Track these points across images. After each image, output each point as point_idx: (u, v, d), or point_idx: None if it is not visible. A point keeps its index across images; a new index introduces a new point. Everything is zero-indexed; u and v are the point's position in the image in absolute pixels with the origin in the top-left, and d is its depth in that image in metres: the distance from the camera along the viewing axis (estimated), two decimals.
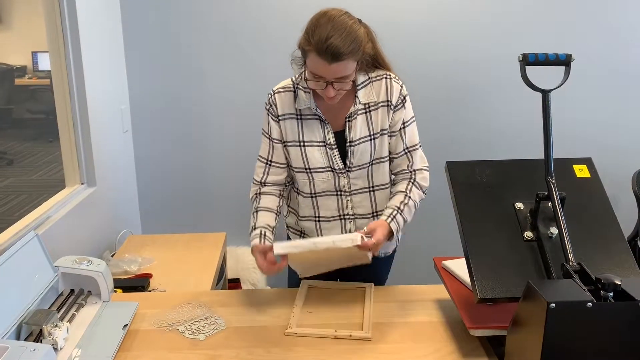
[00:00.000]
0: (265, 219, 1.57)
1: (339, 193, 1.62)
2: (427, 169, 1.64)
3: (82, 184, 2.20)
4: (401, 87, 1.57)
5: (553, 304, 0.99)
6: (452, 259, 1.59)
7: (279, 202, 1.64)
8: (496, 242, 1.31)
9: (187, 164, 2.80)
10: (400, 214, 1.54)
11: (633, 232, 2.57)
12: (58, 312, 1.36)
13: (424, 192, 1.62)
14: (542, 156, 1.35)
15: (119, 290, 1.75)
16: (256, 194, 1.64)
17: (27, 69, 7.12)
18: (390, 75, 1.57)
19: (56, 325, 1.27)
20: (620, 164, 2.75)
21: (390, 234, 1.52)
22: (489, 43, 2.69)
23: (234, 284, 2.56)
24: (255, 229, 1.55)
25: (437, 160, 1.85)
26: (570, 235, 1.23)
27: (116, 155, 2.51)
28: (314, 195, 1.63)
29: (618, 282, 1.05)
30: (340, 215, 1.65)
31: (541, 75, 1.48)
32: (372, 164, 1.60)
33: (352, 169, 1.59)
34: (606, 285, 1.06)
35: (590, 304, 1.00)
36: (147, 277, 1.95)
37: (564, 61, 1.36)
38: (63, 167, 2.19)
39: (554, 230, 1.30)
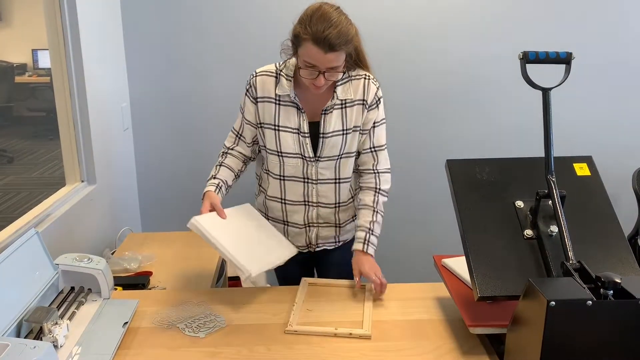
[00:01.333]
0: (226, 174, 1.71)
1: (306, 180, 1.69)
2: (389, 170, 1.74)
3: (82, 181, 2.20)
4: (377, 88, 1.66)
5: (553, 302, 0.99)
6: (452, 257, 1.59)
7: (242, 167, 1.78)
8: (496, 240, 1.31)
9: (187, 161, 2.80)
10: (372, 233, 1.65)
11: (633, 231, 2.57)
12: (58, 310, 1.36)
13: (386, 196, 1.72)
14: (542, 154, 1.35)
15: (119, 288, 1.74)
16: (224, 152, 1.77)
17: (27, 67, 7.11)
18: (369, 76, 1.65)
19: (56, 323, 1.27)
20: (621, 163, 2.75)
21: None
22: (490, 41, 2.68)
23: (234, 281, 2.56)
24: (214, 178, 1.69)
25: (437, 159, 1.85)
26: (571, 234, 1.23)
27: (116, 153, 2.51)
28: (282, 177, 1.70)
29: (618, 281, 1.05)
30: (305, 201, 1.72)
31: (542, 73, 1.48)
32: (340, 158, 1.67)
33: (322, 159, 1.66)
34: (606, 283, 1.06)
35: (590, 302, 1.00)
36: (147, 274, 1.95)
37: (565, 59, 1.36)
38: (63, 164, 2.18)
39: (554, 229, 1.30)
